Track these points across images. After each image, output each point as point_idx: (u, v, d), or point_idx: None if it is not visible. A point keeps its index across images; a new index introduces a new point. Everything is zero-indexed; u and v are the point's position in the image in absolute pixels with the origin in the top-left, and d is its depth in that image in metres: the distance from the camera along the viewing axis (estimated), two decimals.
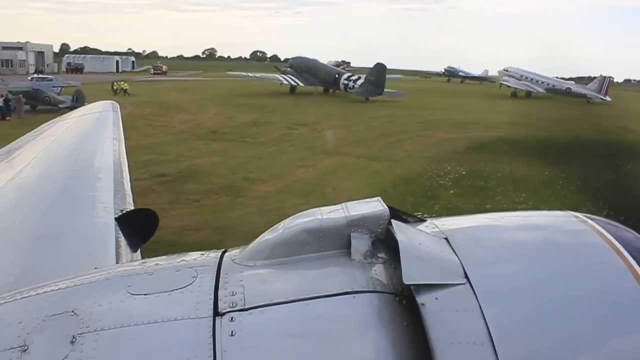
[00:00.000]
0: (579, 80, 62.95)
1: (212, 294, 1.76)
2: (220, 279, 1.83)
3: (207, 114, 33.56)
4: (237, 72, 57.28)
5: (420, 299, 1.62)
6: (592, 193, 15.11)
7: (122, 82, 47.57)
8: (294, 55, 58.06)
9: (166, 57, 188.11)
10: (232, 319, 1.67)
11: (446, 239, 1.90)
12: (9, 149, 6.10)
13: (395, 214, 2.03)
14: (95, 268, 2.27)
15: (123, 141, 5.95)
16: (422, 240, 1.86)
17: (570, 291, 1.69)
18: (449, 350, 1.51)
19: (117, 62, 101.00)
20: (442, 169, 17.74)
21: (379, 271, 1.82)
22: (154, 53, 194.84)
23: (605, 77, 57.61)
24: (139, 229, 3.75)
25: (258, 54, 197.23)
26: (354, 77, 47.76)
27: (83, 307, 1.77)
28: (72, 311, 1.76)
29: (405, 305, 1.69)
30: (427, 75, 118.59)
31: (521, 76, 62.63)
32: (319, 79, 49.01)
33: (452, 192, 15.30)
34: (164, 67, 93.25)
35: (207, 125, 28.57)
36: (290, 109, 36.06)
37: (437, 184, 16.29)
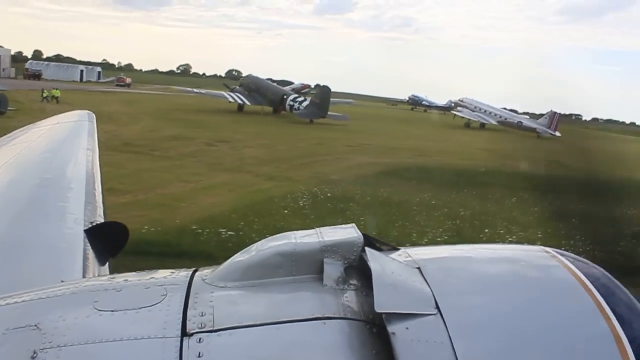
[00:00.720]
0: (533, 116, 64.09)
1: (181, 314, 1.73)
2: (190, 299, 1.81)
3: (134, 126, 32.87)
4: (182, 87, 56.96)
5: (391, 327, 1.63)
6: (446, 218, 15.17)
7: (54, 90, 46.33)
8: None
9: (141, 70, 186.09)
10: (200, 339, 1.65)
11: (419, 268, 1.91)
12: None
13: (369, 241, 2.04)
14: (62, 281, 2.24)
15: (97, 152, 5.82)
16: (395, 269, 1.88)
17: (538, 326, 1.70)
18: None
19: (82, 71, 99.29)
20: (323, 191, 17.92)
21: (350, 298, 1.82)
22: (129, 65, 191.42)
23: (555, 112, 58.77)
24: (109, 242, 3.70)
25: (233, 72, 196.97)
26: (299, 99, 48.09)
27: (47, 322, 1.72)
28: (35, 325, 1.71)
29: (375, 334, 1.70)
30: (393, 102, 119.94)
31: (475, 107, 64.12)
32: (266, 99, 49.07)
33: (286, 211, 15.49)
34: (127, 79, 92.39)
35: (125, 137, 27.90)
36: (224, 126, 35.71)
37: (294, 204, 16.42)
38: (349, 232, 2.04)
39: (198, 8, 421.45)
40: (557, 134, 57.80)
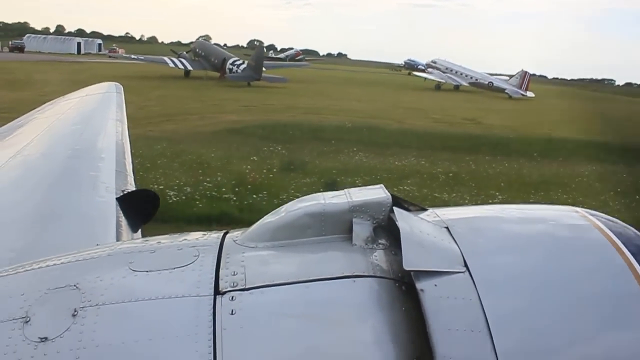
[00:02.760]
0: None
1: (214, 273, 1.78)
2: (222, 259, 1.85)
3: (25, 91, 32.22)
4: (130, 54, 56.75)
5: (419, 285, 1.65)
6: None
7: None
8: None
9: (162, 42, 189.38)
10: (232, 298, 1.69)
11: (447, 228, 1.93)
12: (10, 126, 6.05)
13: (397, 202, 2.04)
14: (97, 245, 2.33)
15: (126, 123, 5.94)
16: (423, 228, 1.89)
17: (568, 284, 1.72)
18: (446, 336, 1.54)
19: (79, 43, 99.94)
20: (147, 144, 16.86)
21: (379, 257, 1.85)
22: (153, 39, 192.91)
23: (525, 72, 56.17)
24: (140, 209, 3.78)
25: (255, 42, 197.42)
26: (238, 62, 46.91)
27: (85, 282, 1.79)
28: (75, 285, 1.77)
29: (404, 291, 1.72)
30: (395, 68, 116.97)
31: (446, 68, 61.97)
32: (210, 64, 48.24)
33: None
34: (120, 50, 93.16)
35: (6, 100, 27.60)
36: (137, 91, 34.83)
37: None
38: (377, 193, 2.06)
39: None
40: (529, 94, 55.26)
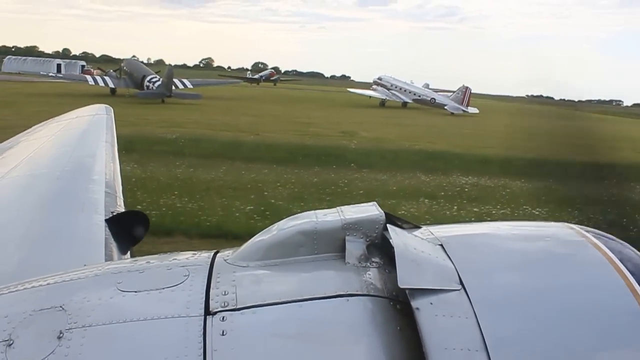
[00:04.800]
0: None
1: (204, 293, 1.75)
2: (212, 279, 1.83)
3: None
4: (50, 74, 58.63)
5: (414, 303, 1.62)
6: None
7: None
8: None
9: (170, 65, 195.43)
10: (223, 318, 1.66)
11: (441, 245, 1.91)
12: (0, 148, 6.03)
13: (391, 219, 2.03)
14: (85, 265, 2.28)
15: (116, 145, 5.95)
16: (418, 246, 1.87)
17: (566, 303, 1.69)
18: (442, 355, 1.51)
19: (59, 65, 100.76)
20: None
21: (373, 275, 1.82)
22: (160, 61, 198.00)
23: (467, 87, 56.11)
24: (129, 231, 3.77)
25: (259, 65, 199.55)
26: (154, 79, 47.97)
27: (71, 303, 1.75)
28: (60, 306, 1.74)
29: (399, 310, 1.70)
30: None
31: (392, 85, 62.12)
32: (133, 81, 49.39)
33: None
34: (94, 72, 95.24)
35: None
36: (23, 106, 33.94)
37: None
38: (370, 210, 2.05)
39: (243, 2, 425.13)
40: (471, 110, 54.75)
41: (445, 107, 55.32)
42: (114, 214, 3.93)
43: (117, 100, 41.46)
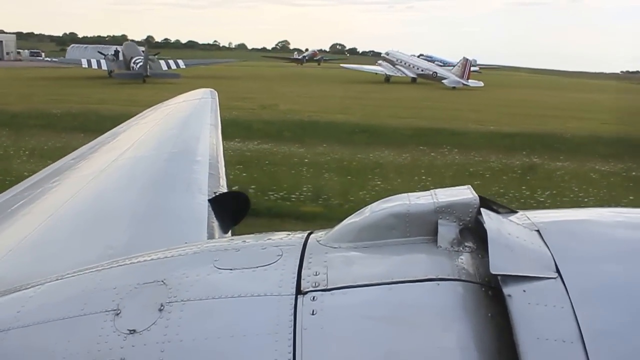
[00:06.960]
0: None
1: (296, 273, 1.79)
2: (305, 259, 1.86)
3: None
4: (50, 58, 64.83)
5: (507, 290, 1.57)
6: None
7: None
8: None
9: (252, 49, 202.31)
10: (314, 298, 1.69)
11: (538, 231, 1.83)
12: (115, 131, 6.42)
13: (486, 203, 1.98)
14: (186, 243, 2.39)
15: (219, 127, 6.11)
16: (512, 231, 1.81)
17: None
18: (535, 346, 1.46)
19: (117, 51, 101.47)
20: None
21: (465, 260, 1.79)
22: (242, 45, 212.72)
23: (467, 60, 54.71)
24: (231, 211, 3.88)
25: (337, 46, 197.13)
26: (138, 60, 49.63)
27: (172, 278, 1.84)
28: (162, 281, 1.84)
29: (490, 296, 1.65)
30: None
31: (397, 60, 60.48)
32: (125, 63, 51.86)
33: None
34: (43, 54, 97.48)
35: None
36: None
37: None
38: (464, 193, 2.01)
39: None
40: (471, 82, 53.64)
41: (443, 82, 53.56)
42: (217, 194, 4.08)
43: (96, 83, 44.32)
